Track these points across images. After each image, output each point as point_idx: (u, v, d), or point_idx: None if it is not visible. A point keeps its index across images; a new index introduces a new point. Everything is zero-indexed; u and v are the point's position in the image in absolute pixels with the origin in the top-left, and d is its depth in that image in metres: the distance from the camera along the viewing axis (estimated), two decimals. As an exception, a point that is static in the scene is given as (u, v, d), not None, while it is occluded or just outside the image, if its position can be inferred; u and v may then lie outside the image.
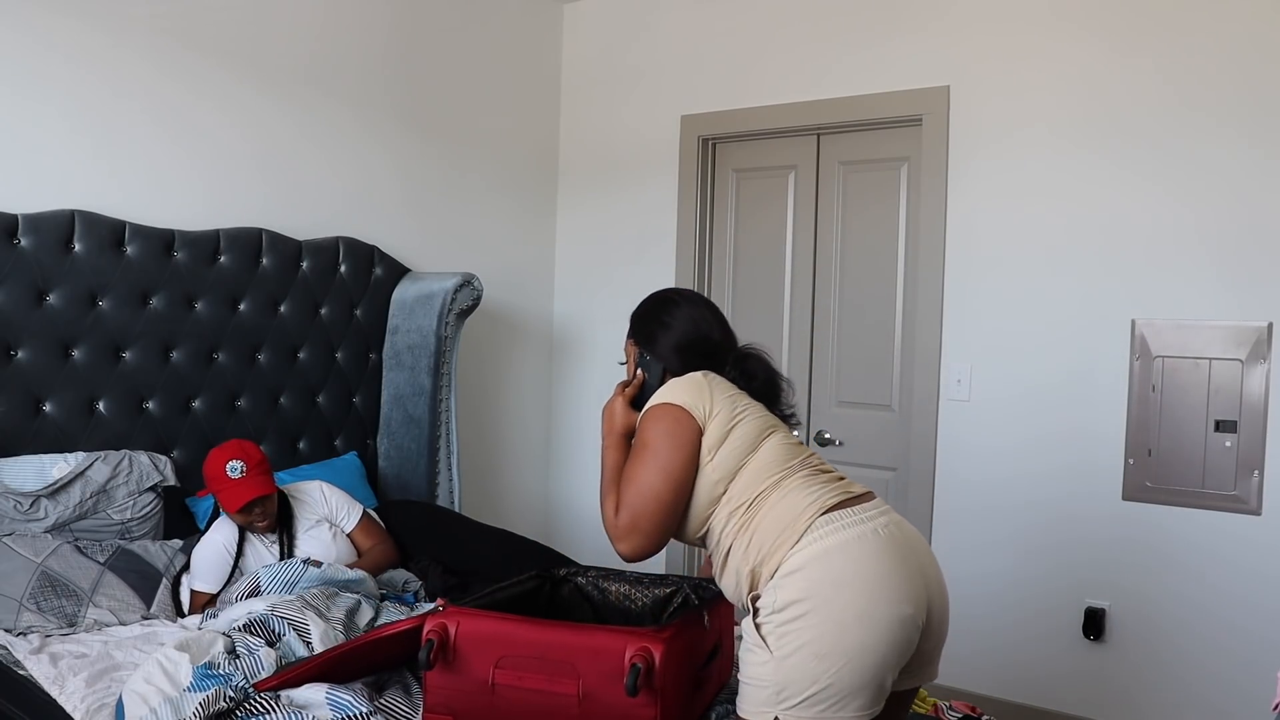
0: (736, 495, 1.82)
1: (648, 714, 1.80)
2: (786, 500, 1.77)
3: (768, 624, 1.70)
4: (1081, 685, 3.37)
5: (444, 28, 4.07)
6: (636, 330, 2.08)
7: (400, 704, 2.06)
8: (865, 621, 1.65)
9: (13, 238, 2.83)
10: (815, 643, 1.65)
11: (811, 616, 1.66)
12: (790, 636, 1.67)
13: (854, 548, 1.70)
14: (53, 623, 2.54)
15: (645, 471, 1.83)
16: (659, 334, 2.03)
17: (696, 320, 2.05)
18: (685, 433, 1.84)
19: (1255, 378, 3.07)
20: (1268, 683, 2.74)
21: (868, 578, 1.68)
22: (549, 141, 4.59)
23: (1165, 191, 3.21)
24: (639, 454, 1.86)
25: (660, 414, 1.86)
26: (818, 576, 1.68)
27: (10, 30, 2.86)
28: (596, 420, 4.44)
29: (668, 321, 2.05)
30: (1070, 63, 3.35)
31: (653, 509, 1.82)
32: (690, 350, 2.01)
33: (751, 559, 1.76)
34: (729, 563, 1.83)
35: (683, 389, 1.89)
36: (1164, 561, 3.21)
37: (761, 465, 1.83)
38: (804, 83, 3.90)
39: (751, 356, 2.03)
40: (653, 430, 1.86)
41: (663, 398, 1.88)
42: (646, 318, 2.07)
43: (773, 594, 1.71)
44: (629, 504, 1.83)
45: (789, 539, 1.73)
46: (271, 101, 3.49)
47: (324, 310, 3.55)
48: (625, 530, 1.83)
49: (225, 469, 2.72)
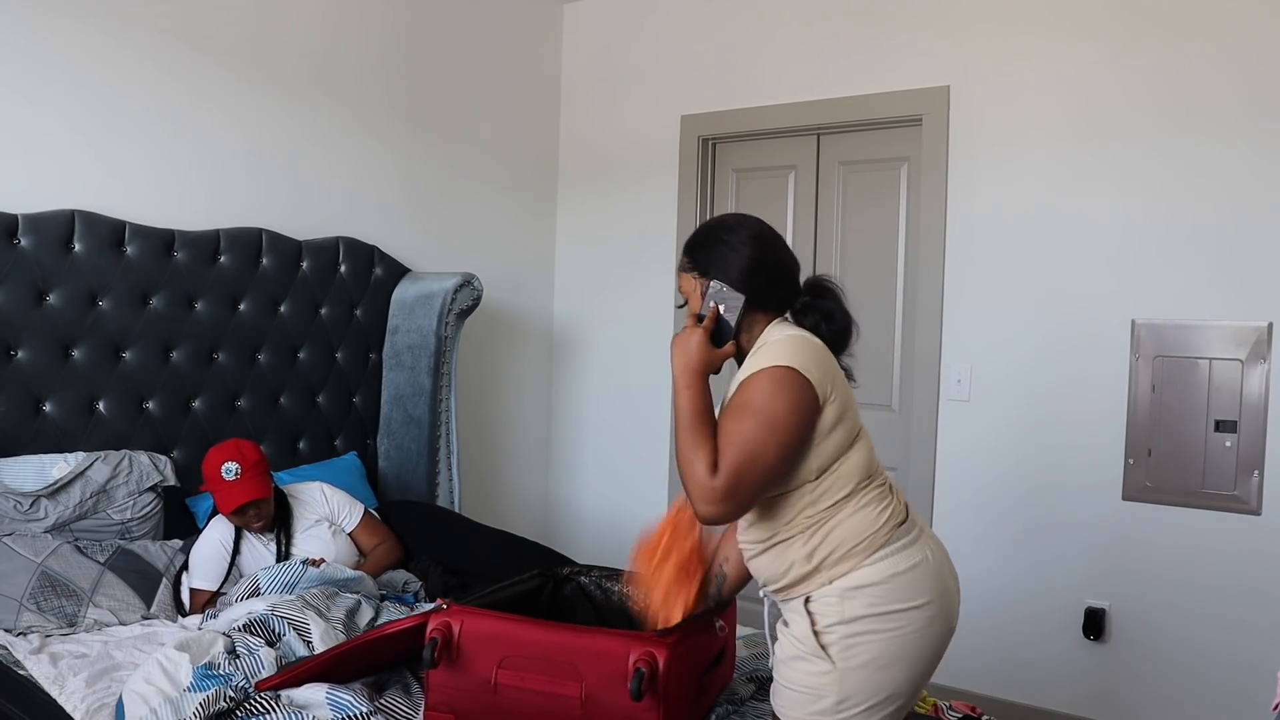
0: (819, 491, 1.73)
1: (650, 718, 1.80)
2: (863, 511, 1.73)
3: (831, 634, 1.69)
4: (1081, 685, 3.37)
5: (444, 28, 4.07)
6: (704, 258, 1.84)
7: (400, 704, 2.06)
8: (925, 637, 1.73)
9: (13, 238, 2.83)
10: (882, 656, 1.69)
11: (880, 632, 1.69)
12: (858, 650, 1.69)
13: (920, 568, 1.74)
14: (53, 623, 2.53)
15: (759, 437, 1.65)
16: (733, 260, 1.81)
17: (772, 243, 1.86)
18: (808, 406, 1.69)
19: (1255, 378, 3.07)
20: (1268, 683, 2.74)
21: (931, 596, 1.74)
22: (549, 141, 4.59)
23: (1165, 191, 3.21)
24: (752, 415, 1.67)
25: (785, 378, 1.68)
26: (889, 594, 1.70)
27: (10, 30, 2.85)
28: (596, 420, 4.50)
29: (742, 247, 1.83)
30: (1070, 63, 3.35)
31: (758, 479, 1.67)
32: (772, 279, 1.83)
33: (816, 558, 1.72)
34: (782, 549, 1.75)
35: (808, 355, 1.72)
36: (1164, 561, 3.22)
37: (850, 469, 1.75)
38: (804, 83, 3.90)
39: (828, 292, 1.87)
40: (775, 394, 1.67)
41: (786, 359, 1.69)
42: (717, 244, 1.84)
43: (840, 606, 1.70)
44: (734, 467, 1.65)
45: (863, 551, 1.71)
46: (271, 101, 3.49)
47: (324, 310, 3.55)
48: (722, 494, 1.65)
49: (220, 470, 2.72)
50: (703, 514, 1.69)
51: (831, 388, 1.73)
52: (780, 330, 1.80)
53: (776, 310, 1.84)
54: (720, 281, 1.80)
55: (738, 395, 1.72)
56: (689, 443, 1.69)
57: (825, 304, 1.86)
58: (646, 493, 4.36)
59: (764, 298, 1.81)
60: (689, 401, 1.74)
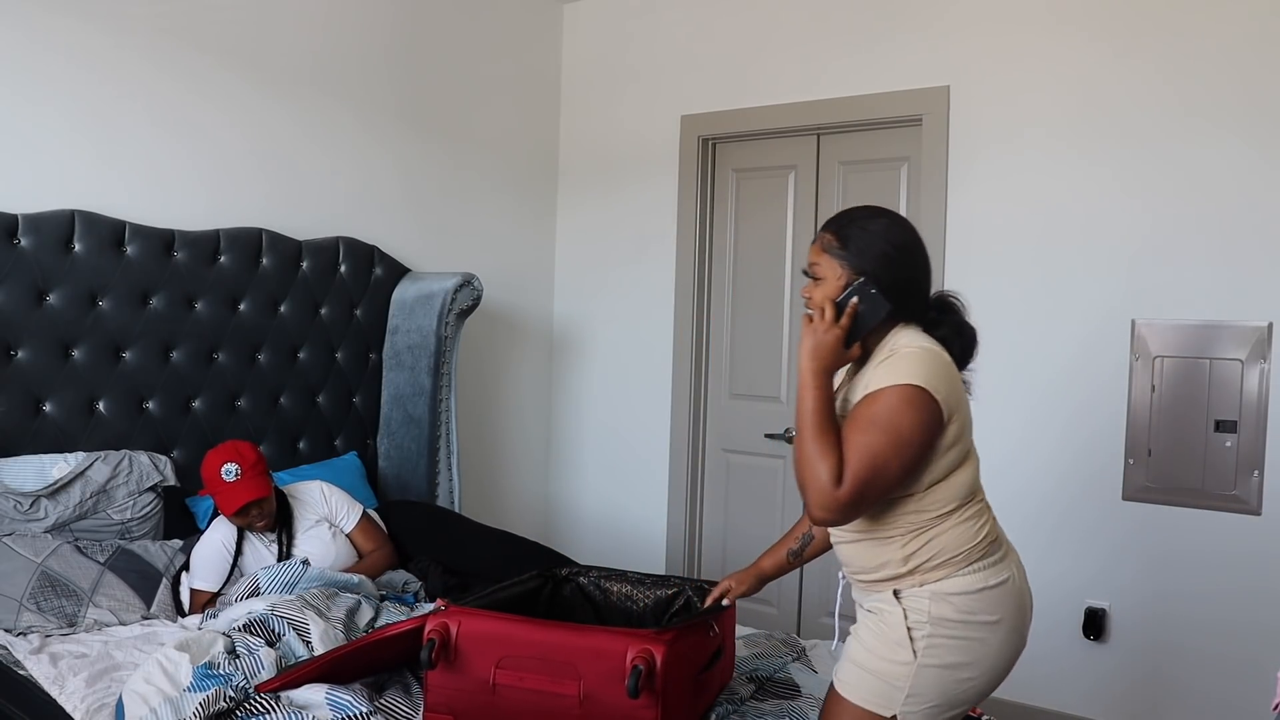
0: (926, 501, 1.75)
1: (648, 716, 1.81)
2: (963, 525, 1.77)
3: (920, 630, 1.73)
4: (1081, 685, 3.37)
5: (444, 28, 4.07)
6: (859, 253, 1.79)
7: (400, 704, 2.06)
8: (1000, 652, 1.77)
9: (13, 238, 2.83)
10: (958, 662, 1.73)
11: (962, 640, 1.73)
12: (942, 651, 1.72)
13: (1006, 586, 1.78)
14: (53, 623, 2.54)
15: (886, 453, 1.67)
16: (891, 270, 1.78)
17: (925, 258, 1.85)
18: (933, 425, 1.71)
19: (1255, 378, 3.07)
20: (1268, 683, 2.74)
21: (1010, 614, 1.78)
22: (549, 141, 4.59)
23: (1165, 191, 3.21)
24: (882, 430, 1.68)
25: (916, 399, 1.69)
26: (975, 606, 1.74)
27: (10, 30, 2.86)
28: (596, 420, 4.50)
29: (904, 259, 1.80)
30: (1070, 63, 3.35)
31: (879, 491, 1.70)
32: (918, 295, 1.83)
33: (913, 562, 1.75)
34: (878, 545, 1.78)
35: (938, 374, 1.73)
36: (1164, 561, 3.22)
37: (958, 485, 1.78)
38: (804, 83, 3.90)
39: (955, 309, 1.88)
40: (905, 412, 1.69)
41: (918, 379, 1.70)
42: (880, 245, 1.79)
43: (929, 606, 1.73)
44: (861, 481, 1.66)
45: (958, 562, 1.75)
46: (272, 101, 3.49)
47: (324, 310, 3.55)
48: (845, 504, 1.67)
49: (220, 472, 2.72)
50: (819, 518, 1.70)
51: (955, 408, 1.75)
52: (909, 338, 1.78)
53: (905, 319, 1.83)
54: (871, 284, 1.76)
55: (867, 407, 1.71)
56: (815, 447, 1.69)
57: (954, 319, 1.86)
58: (646, 493, 4.36)
59: (903, 310, 1.81)
60: (816, 402, 1.72)
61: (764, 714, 2.11)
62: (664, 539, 4.32)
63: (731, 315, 4.22)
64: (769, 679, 2.30)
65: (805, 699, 2.21)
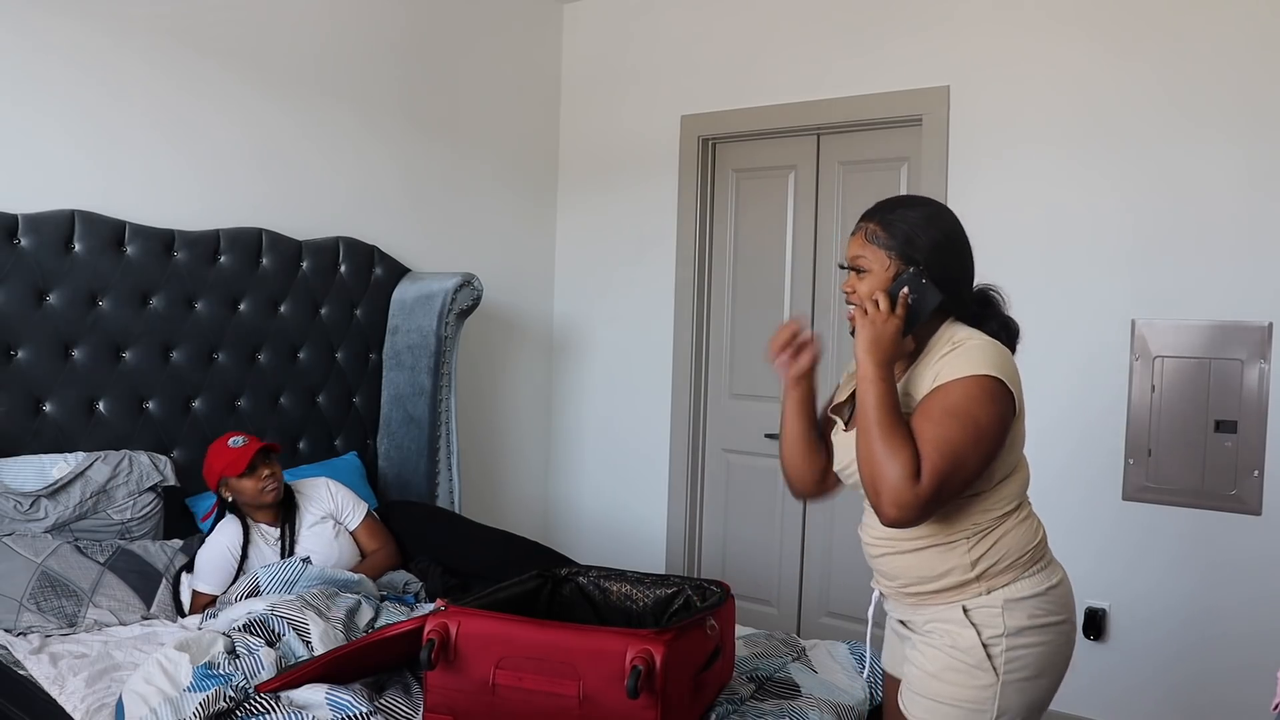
0: (993, 499, 1.70)
1: (648, 716, 1.80)
2: (1026, 524, 1.74)
3: (997, 645, 1.68)
4: (1081, 685, 3.36)
5: (443, 28, 4.07)
6: (909, 242, 1.73)
7: (400, 704, 2.06)
8: (1067, 649, 1.77)
9: (13, 238, 2.83)
10: (1038, 668, 1.71)
11: (1039, 644, 1.71)
12: (1021, 662, 1.69)
13: (1064, 584, 1.78)
14: (53, 623, 2.54)
15: (966, 445, 1.60)
16: (944, 258, 1.74)
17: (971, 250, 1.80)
18: (1008, 419, 1.66)
19: (1255, 378, 3.07)
20: (1268, 683, 2.74)
21: (1071, 611, 1.79)
22: (549, 141, 4.59)
23: (1165, 191, 3.21)
24: (960, 422, 1.61)
25: (994, 389, 1.64)
26: (1045, 607, 1.72)
27: (9, 31, 2.86)
28: (596, 420, 4.50)
29: (957, 248, 1.76)
30: (1070, 63, 3.35)
31: (958, 486, 1.63)
32: (965, 285, 1.79)
33: (981, 565, 1.69)
34: (941, 552, 1.71)
35: (1009, 366, 1.69)
36: (1164, 561, 3.22)
37: (1019, 481, 1.75)
38: (804, 83, 3.90)
39: (998, 304, 1.84)
40: (985, 402, 1.63)
41: (993, 369, 1.65)
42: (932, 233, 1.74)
43: (1003, 617, 1.68)
44: (941, 475, 1.58)
45: (1025, 564, 1.72)
46: (271, 101, 3.49)
47: (324, 310, 3.55)
48: (925, 501, 1.59)
49: (228, 443, 2.81)
50: (894, 518, 1.61)
51: (1022, 395, 1.70)
52: (965, 331, 1.74)
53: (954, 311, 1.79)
54: (923, 274, 1.70)
55: (941, 399, 1.64)
56: (886, 442, 1.61)
57: (999, 313, 1.83)
58: (646, 493, 4.36)
59: (953, 302, 1.76)
60: (882, 395, 1.64)
61: (764, 714, 2.11)
62: (664, 539, 4.32)
63: (731, 315, 4.22)
64: (769, 679, 2.29)
65: (805, 699, 2.21)
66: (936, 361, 1.70)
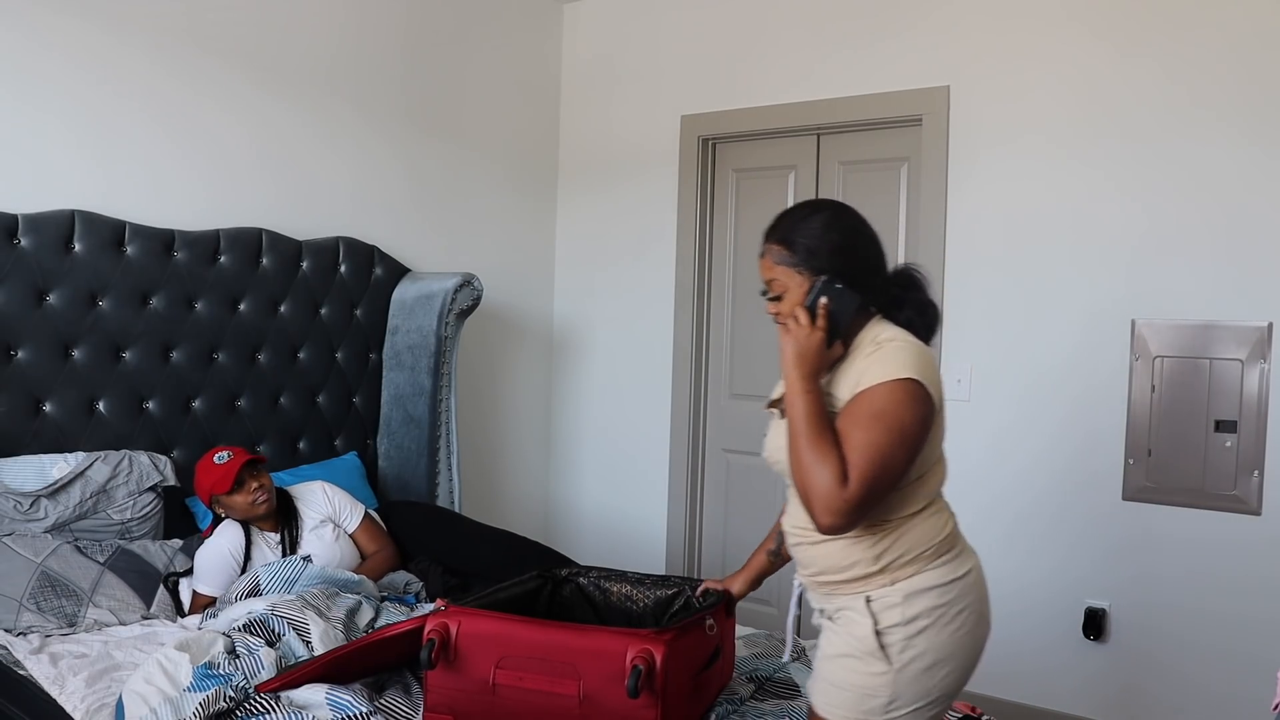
0: (902, 498, 1.72)
1: (648, 715, 1.81)
2: (932, 519, 1.75)
3: (893, 635, 1.69)
4: (1081, 685, 3.37)
5: (443, 28, 4.07)
6: (809, 252, 1.76)
7: (400, 704, 2.06)
8: (972, 639, 1.76)
9: (13, 238, 2.83)
10: (935, 657, 1.71)
11: (937, 633, 1.71)
12: (918, 651, 1.70)
13: (972, 574, 1.77)
14: (53, 623, 2.54)
15: (893, 448, 1.64)
16: (848, 257, 1.75)
17: (873, 238, 1.81)
18: (929, 416, 1.69)
19: (1255, 378, 3.07)
20: (1268, 683, 2.74)
21: (978, 601, 1.77)
22: (549, 141, 4.59)
23: (1165, 191, 3.21)
24: (886, 426, 1.64)
25: (916, 392, 1.67)
26: (947, 596, 1.72)
27: (10, 30, 2.86)
28: (596, 420, 4.50)
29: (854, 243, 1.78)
30: (1070, 62, 3.35)
31: (886, 488, 1.66)
32: (878, 276, 1.80)
33: (885, 559, 1.71)
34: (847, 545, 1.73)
35: (928, 367, 1.72)
36: (1164, 561, 3.21)
37: (934, 480, 1.77)
38: (804, 83, 3.90)
39: (918, 283, 1.84)
40: (909, 405, 1.66)
41: (914, 372, 1.68)
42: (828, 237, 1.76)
43: (902, 607, 1.70)
44: (868, 478, 1.62)
45: (928, 556, 1.72)
46: (271, 101, 3.49)
47: (324, 310, 3.55)
48: (855, 504, 1.62)
49: (213, 459, 2.79)
50: (828, 524, 1.64)
51: (941, 401, 1.74)
52: (888, 332, 1.76)
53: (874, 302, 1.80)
54: (834, 281, 1.72)
55: (866, 403, 1.67)
56: (814, 451, 1.65)
57: (917, 296, 1.82)
58: (646, 492, 4.36)
59: (871, 297, 1.78)
60: (810, 406, 1.68)
61: (764, 714, 2.11)
62: (664, 539, 4.32)
63: (731, 315, 4.22)
64: (769, 679, 2.30)
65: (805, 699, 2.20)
66: (860, 361, 1.74)
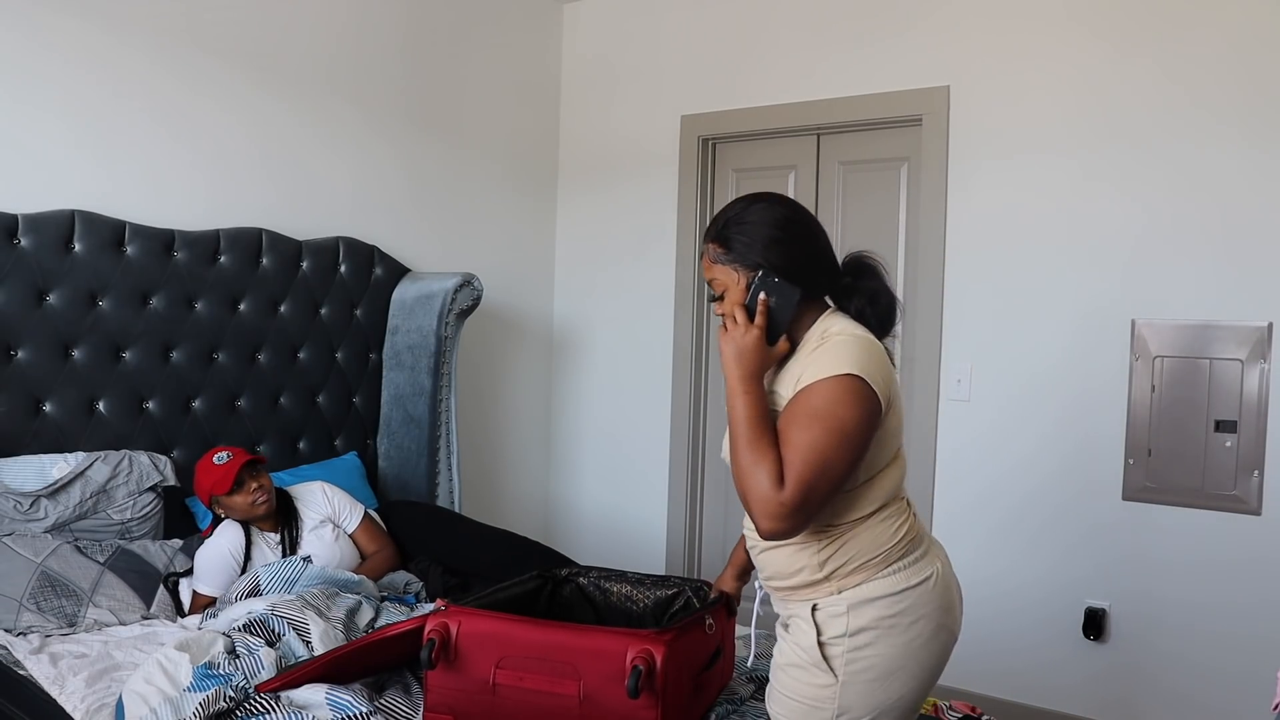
0: (850, 502, 1.66)
1: (648, 716, 1.81)
2: (882, 526, 1.68)
3: (836, 646, 1.65)
4: (1081, 685, 3.37)
5: (444, 28, 4.07)
6: (744, 247, 1.70)
7: (400, 704, 2.06)
8: (928, 650, 1.69)
9: (13, 238, 2.83)
10: (885, 668, 1.65)
11: (885, 644, 1.65)
12: (861, 662, 1.65)
13: (929, 582, 1.70)
14: (53, 623, 2.54)
15: (831, 448, 1.56)
16: (782, 249, 1.68)
17: (813, 226, 1.74)
18: (874, 414, 1.61)
19: (1255, 378, 3.07)
20: (1268, 683, 2.74)
21: (936, 610, 1.70)
22: (549, 141, 4.59)
23: (1165, 191, 3.21)
24: (823, 425, 1.57)
25: (857, 389, 1.59)
26: (896, 607, 1.66)
27: (10, 30, 2.86)
28: (596, 420, 4.50)
29: (791, 232, 1.70)
30: (1070, 63, 3.35)
31: (827, 492, 1.58)
32: (820, 266, 1.72)
33: (829, 567, 1.66)
34: (794, 551, 1.68)
35: (873, 362, 1.63)
36: (1164, 561, 3.22)
37: (884, 485, 1.69)
38: (804, 83, 3.90)
39: (871, 270, 1.75)
40: (848, 403, 1.58)
41: (855, 368, 1.60)
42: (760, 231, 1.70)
43: (846, 618, 1.65)
44: (805, 480, 1.55)
45: (876, 565, 1.67)
46: (272, 101, 3.49)
47: (324, 310, 3.55)
48: (792, 508, 1.55)
49: (212, 460, 2.79)
50: (766, 529, 1.58)
51: (892, 399, 1.66)
52: (837, 325, 1.69)
53: (821, 297, 1.74)
54: (772, 274, 1.66)
55: (805, 401, 1.61)
56: (750, 454, 1.58)
57: (869, 284, 1.74)
58: (646, 492, 4.36)
59: (815, 288, 1.71)
60: (748, 407, 1.62)
61: (764, 714, 2.11)
62: (664, 539, 4.32)
63: (731, 315, 4.21)
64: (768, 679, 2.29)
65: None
66: (805, 357, 1.67)
